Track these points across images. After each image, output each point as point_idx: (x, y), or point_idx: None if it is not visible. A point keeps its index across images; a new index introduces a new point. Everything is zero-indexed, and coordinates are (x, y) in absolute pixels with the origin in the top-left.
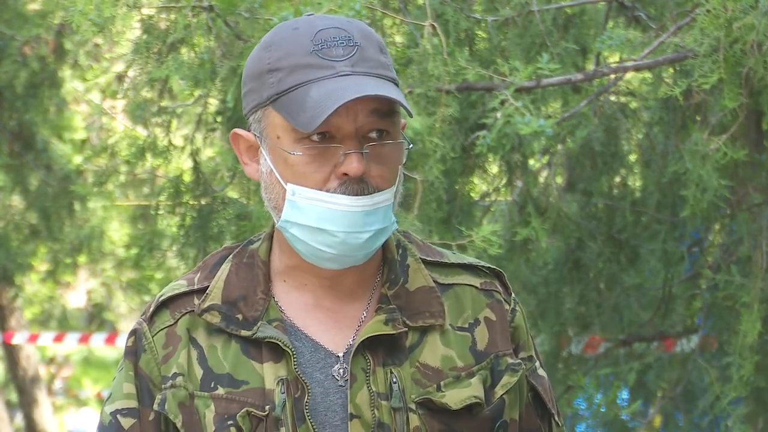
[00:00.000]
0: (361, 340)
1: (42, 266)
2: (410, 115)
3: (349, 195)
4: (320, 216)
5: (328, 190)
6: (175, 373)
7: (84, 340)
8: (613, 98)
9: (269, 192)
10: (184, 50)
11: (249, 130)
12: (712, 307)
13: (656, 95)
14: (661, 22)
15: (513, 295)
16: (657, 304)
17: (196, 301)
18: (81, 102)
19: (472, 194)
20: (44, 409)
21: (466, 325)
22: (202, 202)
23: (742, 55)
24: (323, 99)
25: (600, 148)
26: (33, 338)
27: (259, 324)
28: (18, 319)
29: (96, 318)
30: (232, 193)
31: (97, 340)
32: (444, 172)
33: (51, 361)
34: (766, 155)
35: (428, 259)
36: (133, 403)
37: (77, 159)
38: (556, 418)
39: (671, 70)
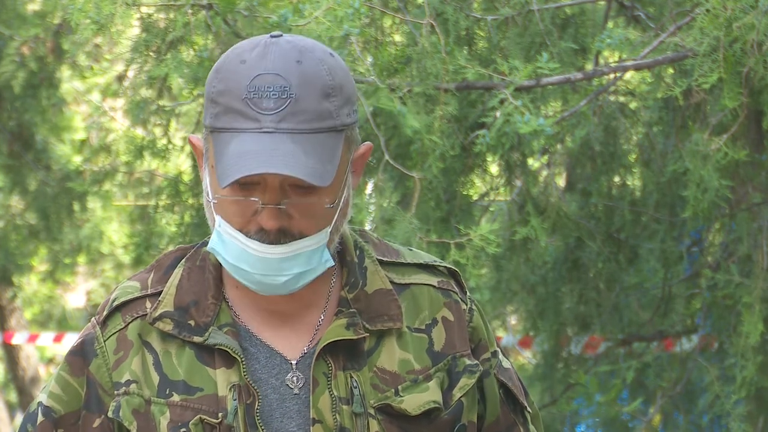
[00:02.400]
0: (324, 344)
1: (42, 266)
2: (324, 185)
3: (264, 243)
4: (238, 255)
5: (247, 233)
6: (129, 380)
7: None
8: (612, 98)
9: (206, 208)
10: (183, 48)
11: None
12: (711, 307)
13: (656, 95)
14: (660, 22)
15: (468, 294)
16: (656, 303)
17: (148, 305)
18: (81, 102)
19: (471, 193)
20: None
21: (423, 326)
22: (201, 200)
23: (743, 55)
24: (235, 160)
25: (599, 147)
26: (33, 338)
27: (210, 330)
28: (18, 319)
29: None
30: None
31: None
32: (443, 171)
33: (51, 361)
34: (767, 155)
35: (384, 259)
36: (51, 403)
37: (77, 159)
38: (524, 402)
39: (671, 69)
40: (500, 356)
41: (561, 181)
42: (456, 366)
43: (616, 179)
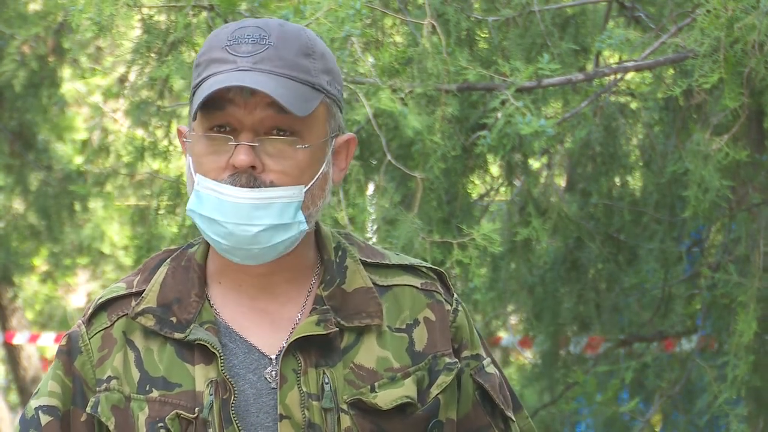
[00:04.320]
0: (292, 340)
1: (42, 267)
2: (299, 114)
3: (235, 186)
4: (213, 206)
5: (221, 180)
6: (110, 376)
7: None
8: (612, 98)
9: (188, 184)
10: (184, 50)
11: None
12: (711, 307)
13: (656, 95)
14: (660, 23)
15: (455, 295)
16: (656, 304)
17: (133, 304)
18: (82, 104)
19: (472, 194)
20: None
21: (404, 326)
22: None
23: (743, 55)
24: (208, 88)
25: (600, 148)
26: (34, 338)
27: (191, 326)
28: (19, 320)
29: None
30: None
31: None
32: (444, 171)
33: (51, 361)
34: (767, 155)
35: (368, 260)
36: (54, 401)
37: (78, 160)
38: (508, 413)
39: (671, 70)
40: (485, 362)
41: (561, 182)
42: (436, 365)
43: (617, 180)
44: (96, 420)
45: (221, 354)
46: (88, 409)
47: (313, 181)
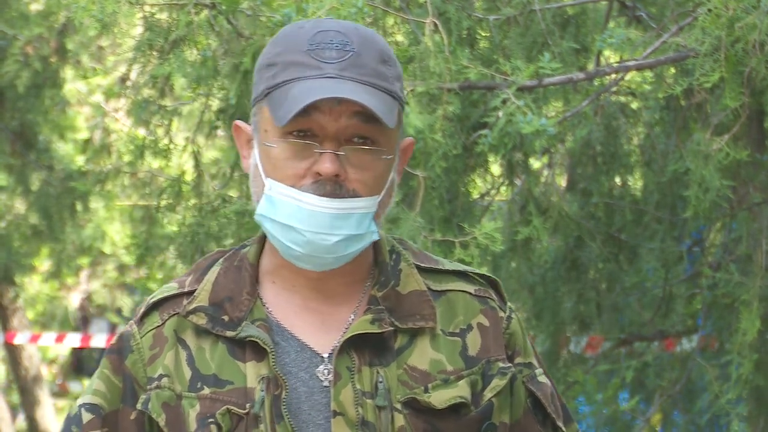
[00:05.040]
0: (347, 338)
1: (44, 266)
2: (390, 126)
3: (318, 195)
4: (290, 213)
5: (300, 188)
6: (161, 374)
7: (85, 340)
8: (613, 98)
9: (254, 185)
10: (186, 48)
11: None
12: (712, 307)
13: (657, 95)
14: (661, 22)
15: (509, 303)
16: (657, 303)
17: (185, 303)
18: (84, 104)
19: (473, 193)
20: (46, 410)
21: (458, 331)
22: (203, 200)
23: (744, 55)
24: (299, 96)
25: (600, 147)
26: (35, 338)
27: (243, 324)
28: (20, 319)
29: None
30: (233, 192)
31: (99, 340)
32: (445, 170)
33: (52, 361)
34: None
35: (422, 265)
36: (97, 400)
37: (79, 159)
38: (559, 423)
39: (672, 70)
40: (537, 371)
41: (562, 181)
42: (490, 369)
43: (617, 179)
44: (146, 417)
45: (272, 350)
46: (138, 406)
47: (385, 189)
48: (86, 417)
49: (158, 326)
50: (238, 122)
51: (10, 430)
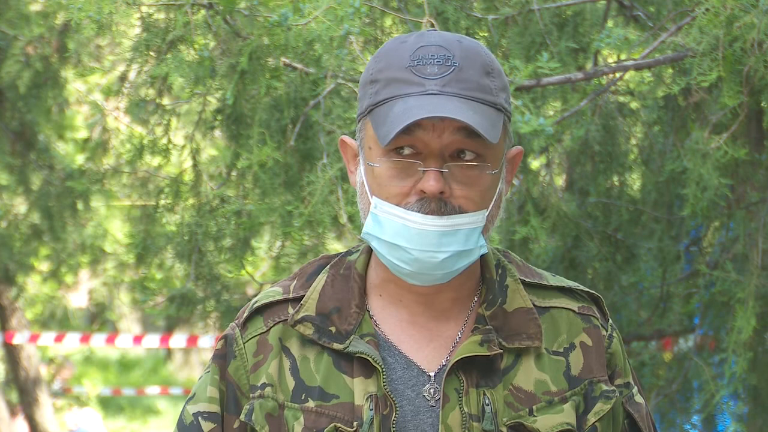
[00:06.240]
0: (455, 360)
1: (43, 266)
2: (492, 141)
3: (423, 213)
4: (396, 231)
5: (405, 206)
6: (264, 383)
7: (85, 340)
8: (611, 97)
9: (361, 202)
10: (183, 48)
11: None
12: (709, 305)
13: (655, 94)
14: (659, 22)
15: (610, 321)
16: (655, 302)
17: (290, 310)
18: (83, 103)
19: None
20: (45, 410)
21: (561, 350)
22: (201, 200)
23: (742, 54)
24: (401, 114)
25: (599, 147)
26: (34, 338)
27: (351, 338)
28: (19, 319)
29: (97, 318)
30: (231, 191)
31: (98, 340)
32: None
33: (51, 361)
34: (766, 154)
35: (527, 280)
36: (215, 408)
37: (79, 158)
38: None
39: (670, 69)
40: (634, 390)
41: (560, 181)
42: (593, 391)
43: (615, 178)
44: (249, 428)
45: (383, 370)
46: (242, 417)
47: (493, 202)
48: (207, 426)
49: (263, 333)
50: (345, 137)
51: (8, 429)
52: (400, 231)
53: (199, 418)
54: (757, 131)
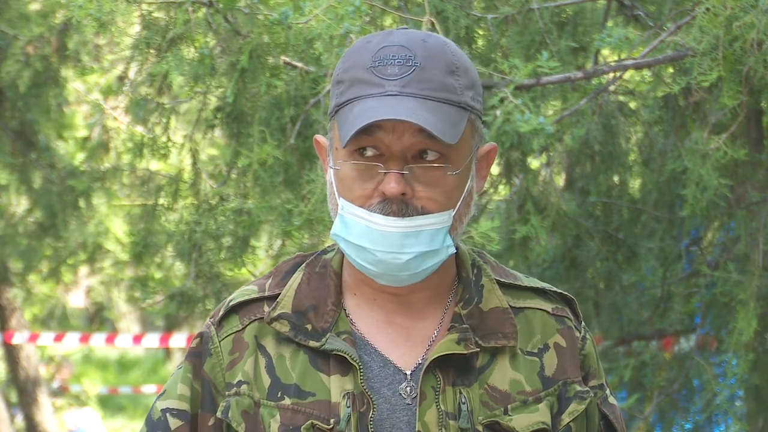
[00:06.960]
0: (432, 358)
1: (43, 266)
2: (450, 142)
3: (385, 215)
4: (361, 233)
5: (369, 207)
6: (240, 380)
7: (84, 339)
8: (611, 97)
9: (330, 203)
10: (183, 46)
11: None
12: (710, 306)
13: (655, 94)
14: (660, 21)
15: (583, 323)
16: (655, 302)
17: (266, 308)
18: (82, 102)
19: None
20: (45, 409)
21: (535, 350)
22: (201, 198)
23: (742, 54)
24: (359, 116)
25: (599, 146)
26: (33, 338)
27: (327, 336)
28: (18, 319)
29: (96, 317)
30: (230, 190)
31: (98, 339)
32: None
33: (51, 360)
34: (766, 154)
35: (502, 280)
36: (184, 405)
37: (79, 157)
38: None
39: (670, 69)
40: (608, 391)
41: (560, 180)
42: (566, 392)
43: (615, 178)
44: (225, 425)
45: (361, 367)
46: (218, 414)
47: (460, 202)
48: (174, 423)
49: (238, 331)
50: (318, 137)
51: (8, 429)
52: (365, 233)
53: (168, 414)
54: (756, 131)
